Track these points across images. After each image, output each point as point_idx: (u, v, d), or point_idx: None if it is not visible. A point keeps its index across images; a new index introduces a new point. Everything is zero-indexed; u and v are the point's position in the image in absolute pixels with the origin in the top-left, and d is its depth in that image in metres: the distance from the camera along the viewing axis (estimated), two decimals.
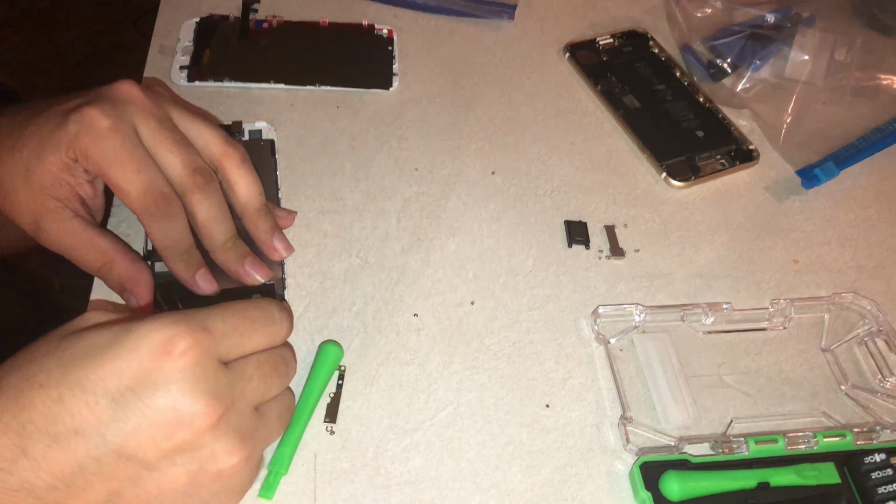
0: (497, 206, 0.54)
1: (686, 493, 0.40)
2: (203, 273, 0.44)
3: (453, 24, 0.66)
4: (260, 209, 0.46)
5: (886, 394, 0.47)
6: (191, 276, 0.43)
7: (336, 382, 0.44)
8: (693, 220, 0.55)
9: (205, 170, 0.43)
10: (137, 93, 0.42)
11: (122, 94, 0.42)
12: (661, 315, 0.49)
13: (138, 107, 0.42)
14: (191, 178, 0.42)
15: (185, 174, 0.42)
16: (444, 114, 0.59)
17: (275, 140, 0.54)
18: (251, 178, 0.45)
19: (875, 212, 0.57)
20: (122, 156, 0.40)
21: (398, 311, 0.48)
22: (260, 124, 0.55)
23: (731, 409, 0.46)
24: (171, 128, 0.43)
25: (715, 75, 0.63)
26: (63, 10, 1.83)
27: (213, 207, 0.43)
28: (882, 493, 0.41)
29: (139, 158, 0.41)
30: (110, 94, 0.42)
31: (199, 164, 0.43)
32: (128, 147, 0.40)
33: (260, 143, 0.54)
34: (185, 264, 0.43)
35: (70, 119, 0.40)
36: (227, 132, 0.46)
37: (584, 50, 0.65)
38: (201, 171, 0.42)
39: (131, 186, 0.40)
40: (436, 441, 0.42)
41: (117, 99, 0.41)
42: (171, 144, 0.42)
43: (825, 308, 0.51)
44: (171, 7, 0.63)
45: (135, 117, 0.41)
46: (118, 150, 0.40)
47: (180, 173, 0.42)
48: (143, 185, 0.40)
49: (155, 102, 0.43)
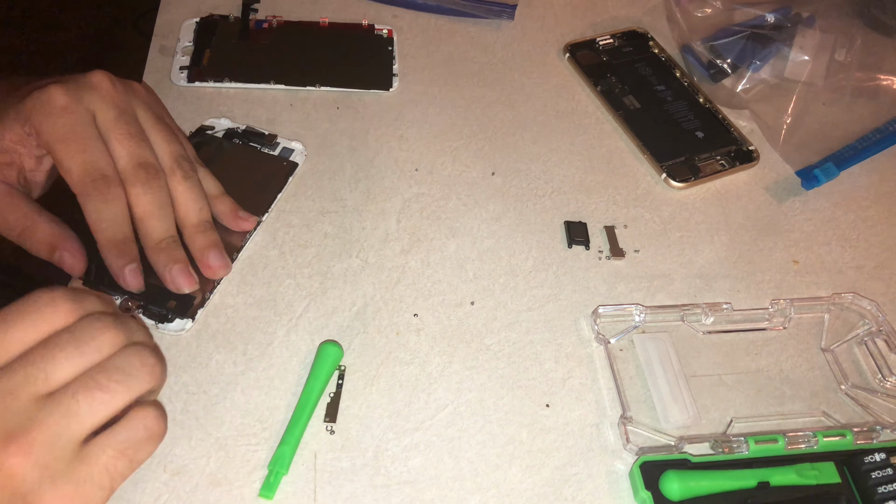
0: (497, 207, 0.54)
1: (686, 493, 0.40)
2: (133, 268, 0.43)
3: (453, 24, 0.66)
4: (198, 225, 0.45)
5: (886, 393, 0.47)
6: (120, 266, 0.42)
7: (336, 382, 0.44)
8: (693, 220, 0.55)
9: (150, 165, 0.43)
10: (107, 83, 0.43)
11: (92, 81, 0.43)
12: (661, 315, 0.49)
13: (101, 94, 0.42)
14: (134, 171, 0.42)
15: (130, 166, 0.42)
16: (444, 114, 0.59)
17: (299, 165, 0.54)
18: (193, 195, 0.45)
19: (875, 212, 0.57)
20: (69, 134, 0.41)
21: (398, 311, 0.48)
22: (296, 145, 0.55)
23: (731, 408, 0.46)
24: (129, 122, 0.43)
25: (715, 76, 0.63)
26: (63, 10, 1.83)
27: (152, 204, 0.43)
28: (882, 492, 0.41)
29: (86, 139, 0.41)
30: (79, 79, 0.43)
31: (145, 159, 0.43)
32: (78, 127, 0.41)
33: (283, 161, 0.54)
34: (117, 253, 0.42)
35: (32, 94, 0.41)
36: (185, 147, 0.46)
37: (584, 50, 0.65)
38: (145, 166, 0.42)
39: (73, 163, 0.41)
40: (436, 441, 0.42)
41: (84, 84, 0.42)
42: (123, 136, 0.42)
43: (825, 308, 0.51)
44: (171, 7, 0.63)
45: (96, 104, 0.42)
46: (67, 129, 0.41)
47: (125, 165, 0.42)
48: (86, 165, 0.41)
49: (122, 95, 0.43)
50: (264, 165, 0.53)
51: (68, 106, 0.41)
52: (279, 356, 0.45)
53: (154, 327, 0.44)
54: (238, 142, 0.54)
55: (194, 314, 0.45)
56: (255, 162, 0.53)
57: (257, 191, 0.51)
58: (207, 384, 0.43)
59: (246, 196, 0.50)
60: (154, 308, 0.44)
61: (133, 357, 0.34)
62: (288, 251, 0.50)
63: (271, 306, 0.47)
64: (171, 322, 0.45)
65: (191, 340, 0.45)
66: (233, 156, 0.53)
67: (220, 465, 0.40)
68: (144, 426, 0.34)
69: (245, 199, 0.50)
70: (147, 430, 0.34)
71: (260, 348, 0.45)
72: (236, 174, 0.51)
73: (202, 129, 0.54)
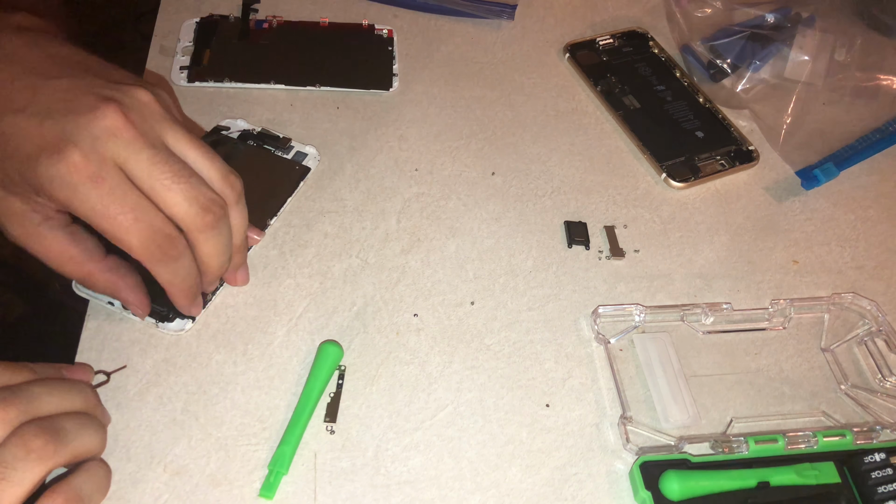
0: (497, 207, 0.54)
1: (686, 493, 0.40)
2: (198, 300, 0.43)
3: (453, 24, 0.66)
4: (239, 246, 0.43)
5: (886, 393, 0.47)
6: (190, 305, 0.43)
7: (336, 382, 0.44)
8: (693, 220, 0.55)
9: (214, 203, 0.38)
10: (121, 121, 0.35)
11: (105, 126, 0.35)
12: (660, 315, 0.49)
13: (124, 140, 0.35)
14: (200, 216, 0.37)
15: (193, 212, 0.37)
16: (444, 114, 0.59)
17: (311, 170, 0.53)
18: (241, 219, 0.42)
19: (875, 212, 0.57)
20: (111, 207, 0.35)
21: (398, 311, 0.48)
22: (310, 149, 0.54)
23: (731, 408, 0.46)
24: (166, 158, 0.37)
25: (715, 76, 0.63)
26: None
27: (220, 245, 0.40)
28: (882, 492, 0.41)
29: (131, 205, 0.35)
30: (91, 127, 0.35)
31: (206, 198, 0.38)
32: (117, 195, 0.35)
33: (295, 166, 0.53)
34: (190, 300, 0.42)
35: (42, 161, 0.34)
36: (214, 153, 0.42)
37: (584, 50, 0.65)
38: (209, 208, 0.38)
39: (130, 237, 0.36)
40: (436, 441, 0.43)
41: (99, 135, 0.35)
42: (168, 179, 0.36)
43: (825, 308, 0.51)
44: (171, 7, 0.63)
45: (121, 153, 0.35)
46: (105, 201, 0.35)
47: (186, 211, 0.37)
48: (144, 234, 0.36)
49: (143, 127, 0.36)
50: (277, 169, 0.53)
51: (94, 174, 0.34)
52: (279, 356, 0.45)
53: (154, 326, 0.44)
54: (252, 143, 0.54)
55: (194, 315, 0.45)
56: (268, 165, 0.53)
57: (268, 194, 0.51)
58: (207, 384, 0.43)
59: (256, 199, 0.49)
60: (156, 307, 0.44)
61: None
62: (288, 251, 0.50)
63: (271, 306, 0.47)
64: (172, 322, 0.45)
65: (191, 340, 0.45)
66: (246, 157, 0.53)
67: (220, 465, 0.40)
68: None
69: (255, 201, 0.49)
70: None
71: (260, 348, 0.45)
72: (248, 176, 0.51)
73: (218, 128, 0.55)
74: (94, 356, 0.43)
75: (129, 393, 0.42)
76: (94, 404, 0.38)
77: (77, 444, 0.34)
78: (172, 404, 0.42)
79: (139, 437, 0.41)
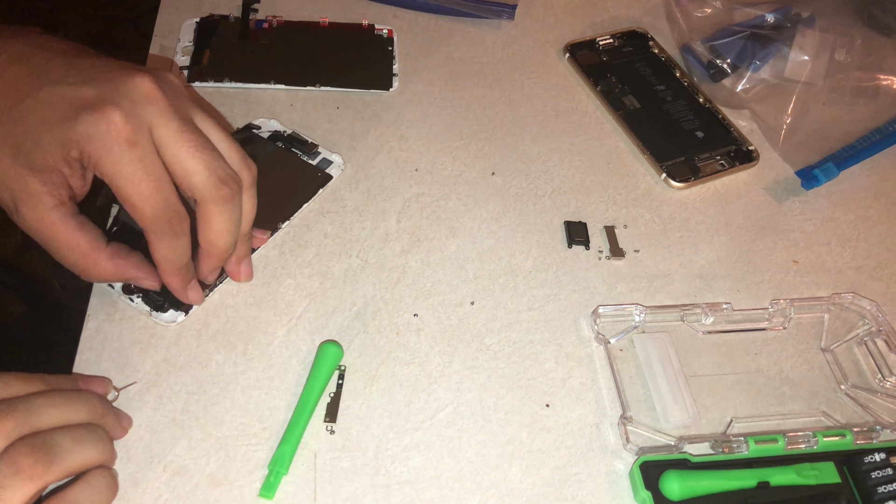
0: (497, 207, 0.54)
1: (686, 493, 0.40)
2: (194, 285, 0.44)
3: (453, 24, 0.66)
4: (245, 234, 0.44)
5: (886, 393, 0.47)
6: (183, 288, 0.43)
7: (336, 382, 0.44)
8: (693, 220, 0.55)
9: (231, 179, 0.40)
10: (157, 91, 0.38)
11: (143, 93, 0.37)
12: (660, 315, 0.49)
13: (159, 107, 0.37)
14: (217, 188, 0.39)
15: (211, 183, 0.39)
16: (444, 114, 0.59)
17: (332, 179, 0.53)
18: (251, 205, 0.43)
19: (875, 212, 0.57)
20: (139, 172, 0.37)
21: (398, 311, 0.48)
22: (335, 157, 0.54)
23: (731, 408, 0.46)
24: (193, 130, 0.39)
25: (715, 76, 0.63)
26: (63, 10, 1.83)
27: (230, 221, 0.41)
28: (882, 492, 0.41)
29: (157, 176, 0.37)
30: (129, 92, 0.37)
31: (224, 173, 0.40)
32: (146, 162, 0.37)
33: (318, 172, 0.53)
34: (182, 278, 0.42)
35: (83, 118, 0.36)
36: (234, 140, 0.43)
37: (584, 50, 0.65)
38: (227, 182, 0.39)
39: (146, 204, 0.37)
40: (436, 441, 0.43)
41: (138, 100, 0.37)
42: (192, 148, 0.38)
43: (825, 308, 0.51)
44: (171, 7, 0.63)
45: (154, 119, 0.37)
46: (135, 166, 0.37)
47: (204, 181, 0.39)
48: (159, 205, 0.38)
49: (174, 100, 0.39)
50: (299, 173, 0.53)
51: (132, 138, 0.36)
52: (279, 356, 0.45)
53: (148, 314, 0.45)
54: (281, 145, 0.54)
55: (188, 308, 0.45)
56: (291, 168, 0.53)
57: (285, 197, 0.51)
58: (207, 384, 0.43)
59: (273, 200, 0.49)
60: (153, 294, 0.44)
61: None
62: (288, 251, 0.50)
63: (271, 306, 0.47)
64: (165, 312, 0.45)
65: (191, 340, 0.45)
66: (272, 158, 0.53)
67: (220, 465, 0.40)
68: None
69: (271, 202, 0.49)
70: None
71: (260, 348, 0.45)
72: (270, 177, 0.50)
73: (249, 126, 0.55)
74: (94, 356, 0.43)
75: (129, 393, 0.42)
76: (101, 414, 0.38)
77: (72, 460, 0.34)
78: (172, 404, 0.42)
79: (139, 437, 0.41)
